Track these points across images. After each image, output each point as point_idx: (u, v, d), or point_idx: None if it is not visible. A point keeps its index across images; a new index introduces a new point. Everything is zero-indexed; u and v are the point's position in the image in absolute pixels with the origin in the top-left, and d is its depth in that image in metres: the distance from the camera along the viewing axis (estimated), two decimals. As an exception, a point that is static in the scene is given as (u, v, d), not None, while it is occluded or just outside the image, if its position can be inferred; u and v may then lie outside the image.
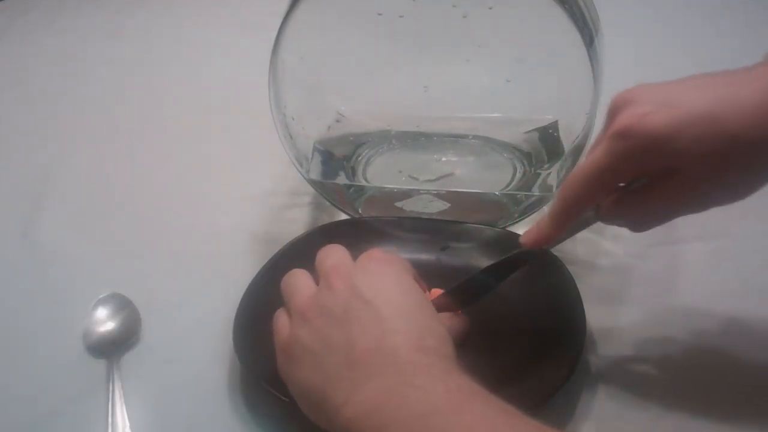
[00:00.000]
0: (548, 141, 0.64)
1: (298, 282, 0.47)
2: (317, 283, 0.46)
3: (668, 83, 0.44)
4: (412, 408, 0.37)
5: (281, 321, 0.46)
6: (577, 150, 0.59)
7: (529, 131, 0.65)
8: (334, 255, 0.48)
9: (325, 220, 0.66)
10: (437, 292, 0.52)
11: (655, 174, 0.44)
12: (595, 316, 0.54)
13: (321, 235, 0.57)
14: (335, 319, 0.43)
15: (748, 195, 0.44)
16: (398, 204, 0.65)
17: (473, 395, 0.38)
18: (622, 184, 0.46)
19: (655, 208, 0.45)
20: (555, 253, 0.54)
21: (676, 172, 0.43)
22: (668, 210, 0.46)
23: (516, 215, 0.63)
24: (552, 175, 0.63)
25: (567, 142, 0.61)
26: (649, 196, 0.45)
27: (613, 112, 0.44)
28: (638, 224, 0.48)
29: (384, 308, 0.43)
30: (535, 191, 0.63)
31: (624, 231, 0.49)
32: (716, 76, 0.43)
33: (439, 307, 0.50)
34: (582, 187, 0.45)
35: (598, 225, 0.49)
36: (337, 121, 0.66)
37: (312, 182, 0.64)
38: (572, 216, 0.47)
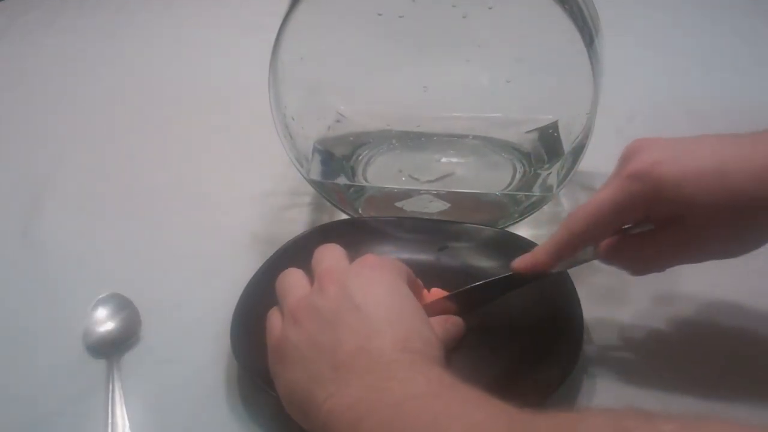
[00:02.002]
0: (548, 141, 0.64)
1: (292, 282, 0.48)
2: (312, 282, 0.47)
3: (678, 139, 0.46)
4: (390, 397, 0.38)
5: (273, 320, 0.47)
6: (577, 150, 0.59)
7: (529, 131, 0.65)
8: (329, 257, 0.48)
9: (325, 220, 0.66)
10: (437, 291, 0.52)
11: (662, 220, 0.46)
12: (594, 315, 0.54)
13: (320, 235, 0.57)
14: (325, 322, 0.43)
15: (747, 252, 0.47)
16: (398, 204, 0.65)
17: (452, 385, 0.39)
18: (626, 227, 0.47)
19: (657, 253, 0.47)
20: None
21: (682, 220, 0.45)
22: (669, 256, 0.48)
23: (516, 215, 0.63)
24: (552, 175, 0.63)
25: (567, 142, 0.61)
26: (652, 241, 0.47)
27: (627, 158, 0.46)
28: (637, 268, 0.49)
29: (373, 313, 0.43)
30: (535, 191, 0.63)
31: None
32: (725, 137, 0.45)
33: (438, 310, 0.50)
34: (591, 221, 0.46)
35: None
36: (337, 121, 0.66)
37: (312, 182, 0.64)
38: (574, 249, 0.48)
